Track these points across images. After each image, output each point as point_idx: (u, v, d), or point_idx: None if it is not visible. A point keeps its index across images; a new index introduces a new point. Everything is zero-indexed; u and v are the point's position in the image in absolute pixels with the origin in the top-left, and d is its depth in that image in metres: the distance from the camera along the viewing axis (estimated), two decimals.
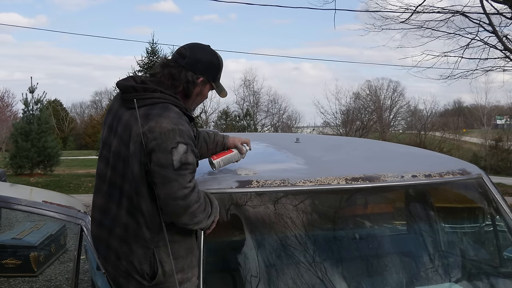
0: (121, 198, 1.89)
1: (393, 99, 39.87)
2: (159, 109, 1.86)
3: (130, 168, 1.86)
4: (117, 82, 1.97)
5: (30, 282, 5.21)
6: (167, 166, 1.78)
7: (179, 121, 1.85)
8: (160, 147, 1.79)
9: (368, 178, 2.35)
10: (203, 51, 2.04)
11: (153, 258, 1.87)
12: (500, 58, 13.32)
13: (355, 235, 2.52)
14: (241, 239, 2.35)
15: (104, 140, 1.99)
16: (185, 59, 1.98)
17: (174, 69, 1.97)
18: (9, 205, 2.84)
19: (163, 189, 1.80)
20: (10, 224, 7.88)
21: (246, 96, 38.22)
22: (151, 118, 1.84)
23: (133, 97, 1.90)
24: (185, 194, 1.80)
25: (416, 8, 13.04)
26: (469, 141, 38.41)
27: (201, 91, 2.04)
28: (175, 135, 1.80)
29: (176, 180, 1.79)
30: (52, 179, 15.52)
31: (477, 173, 2.65)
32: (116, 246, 1.92)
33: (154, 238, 1.87)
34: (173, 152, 1.78)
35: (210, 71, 2.03)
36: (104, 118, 2.05)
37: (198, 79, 1.99)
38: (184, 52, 2.00)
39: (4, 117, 30.98)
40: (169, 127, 1.81)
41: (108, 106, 2.07)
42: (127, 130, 1.88)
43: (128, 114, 1.90)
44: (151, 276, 1.88)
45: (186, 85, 1.97)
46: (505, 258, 2.71)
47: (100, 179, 1.98)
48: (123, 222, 1.89)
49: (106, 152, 1.96)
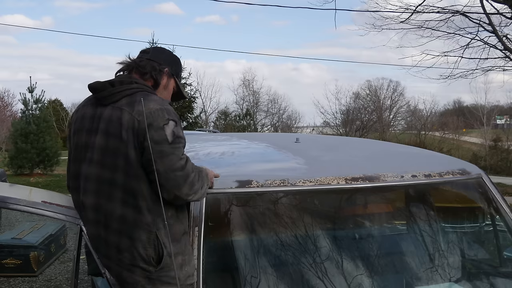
0: (112, 192, 1.91)
1: (393, 99, 39.93)
2: (141, 95, 1.94)
3: (123, 157, 1.89)
4: (89, 85, 2.02)
5: (30, 282, 5.22)
6: (162, 142, 1.87)
7: (164, 102, 1.97)
8: (152, 125, 1.87)
9: (368, 178, 2.35)
10: (165, 49, 2.23)
11: (156, 241, 1.90)
12: (500, 58, 13.33)
13: (355, 235, 2.53)
14: (241, 239, 2.35)
15: (83, 144, 2.00)
16: (148, 54, 2.12)
17: (140, 62, 2.08)
18: (9, 205, 2.84)
19: (162, 163, 1.86)
20: (10, 224, 7.88)
21: (245, 96, 38.28)
22: (136, 103, 1.91)
23: (111, 92, 1.96)
24: (182, 165, 1.90)
25: (416, 8, 13.05)
26: (468, 141, 38.41)
27: (167, 84, 2.13)
28: (164, 113, 1.90)
29: (173, 153, 1.89)
30: (52, 179, 15.53)
31: (477, 173, 2.65)
32: (115, 240, 1.93)
33: (155, 221, 1.90)
34: (165, 128, 1.88)
35: (173, 63, 2.16)
36: (75, 127, 2.05)
37: (164, 69, 2.10)
38: (147, 50, 2.17)
39: (4, 117, 30.97)
40: (156, 106, 1.91)
41: (74, 117, 2.09)
42: (113, 122, 1.92)
43: (109, 109, 1.95)
44: (157, 260, 1.91)
45: (153, 74, 2.07)
46: (505, 258, 2.71)
47: (85, 180, 1.98)
48: (118, 214, 1.90)
49: (89, 154, 1.97)
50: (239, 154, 2.93)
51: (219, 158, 2.68)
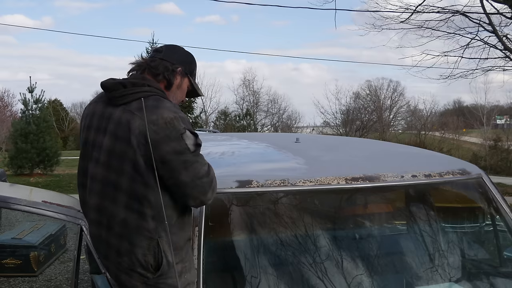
0: (116, 195, 1.90)
1: (393, 99, 39.94)
2: (153, 101, 1.90)
3: (130, 162, 1.86)
4: (101, 82, 1.99)
5: (30, 282, 5.22)
6: (184, 151, 1.85)
7: (176, 109, 1.92)
8: (170, 136, 1.83)
9: (368, 178, 2.35)
10: (178, 47, 2.14)
11: (157, 249, 1.88)
12: (500, 58, 13.33)
13: (355, 235, 2.53)
14: (241, 239, 2.35)
15: (91, 142, 1.99)
16: (161, 53, 2.06)
17: (152, 62, 2.03)
18: (9, 205, 2.84)
19: (188, 173, 1.86)
20: (10, 224, 7.88)
21: (245, 96, 38.28)
22: (148, 110, 1.87)
23: (123, 93, 1.92)
24: (206, 171, 1.90)
25: (416, 8, 13.04)
26: (468, 141, 38.41)
27: (181, 84, 2.08)
28: (179, 122, 1.86)
29: (196, 160, 1.88)
30: (52, 179, 15.53)
31: (477, 173, 2.65)
32: (116, 243, 1.92)
33: (157, 228, 1.88)
34: (184, 137, 1.85)
35: (187, 62, 2.10)
36: (85, 123, 2.04)
37: (177, 68, 2.05)
38: (160, 48, 2.10)
39: (4, 117, 30.97)
40: (171, 115, 1.86)
41: (85, 112, 2.08)
42: (122, 125, 1.89)
43: (119, 111, 1.91)
44: (155, 267, 1.89)
45: (166, 75, 2.02)
46: (505, 258, 2.71)
47: (91, 179, 1.97)
48: (121, 218, 1.89)
49: (96, 153, 1.95)
50: (239, 154, 2.93)
51: (219, 158, 2.68)
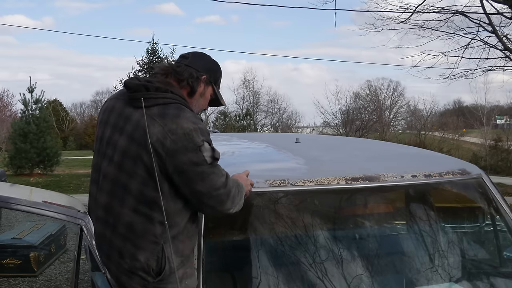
0: (125, 197, 1.89)
1: (393, 99, 39.90)
2: (174, 109, 1.89)
3: (143, 167, 1.86)
4: (125, 81, 1.98)
5: (30, 282, 5.22)
6: (202, 163, 1.85)
7: (197, 120, 1.91)
8: (188, 147, 1.84)
9: (368, 178, 2.35)
10: (205, 55, 2.15)
11: (161, 254, 1.88)
12: (500, 58, 13.33)
13: (355, 235, 2.53)
14: (241, 239, 2.35)
15: (107, 139, 1.98)
16: (187, 59, 2.06)
17: (178, 68, 2.02)
18: (9, 205, 2.84)
19: (204, 184, 1.87)
20: (10, 224, 7.88)
21: (245, 96, 38.27)
22: (169, 118, 1.86)
23: (145, 96, 1.91)
24: (223, 182, 1.91)
25: (416, 8, 13.04)
26: (469, 141, 38.39)
27: (204, 91, 2.06)
28: (198, 133, 1.86)
29: (213, 172, 1.89)
30: (52, 179, 15.52)
31: (477, 173, 2.65)
32: (119, 244, 1.92)
33: (164, 234, 1.87)
34: (202, 150, 1.85)
35: (212, 70, 2.10)
36: (103, 117, 2.04)
37: (202, 76, 2.04)
38: (186, 55, 2.09)
39: (4, 117, 30.97)
40: (190, 126, 1.85)
41: (104, 106, 2.08)
42: (139, 129, 1.87)
43: (138, 113, 1.90)
44: (157, 272, 1.89)
45: (190, 81, 2.01)
46: (505, 258, 2.71)
47: (103, 177, 1.97)
48: (127, 220, 1.89)
49: (110, 151, 1.95)
50: (239, 154, 2.93)
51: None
